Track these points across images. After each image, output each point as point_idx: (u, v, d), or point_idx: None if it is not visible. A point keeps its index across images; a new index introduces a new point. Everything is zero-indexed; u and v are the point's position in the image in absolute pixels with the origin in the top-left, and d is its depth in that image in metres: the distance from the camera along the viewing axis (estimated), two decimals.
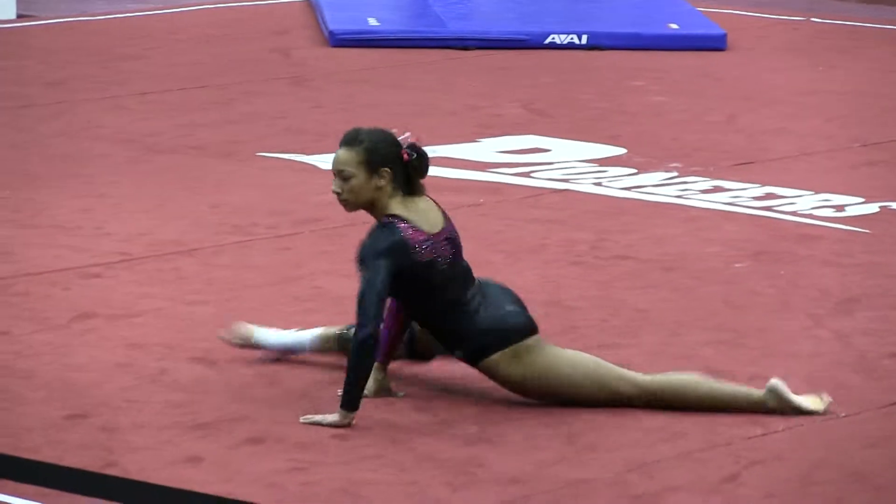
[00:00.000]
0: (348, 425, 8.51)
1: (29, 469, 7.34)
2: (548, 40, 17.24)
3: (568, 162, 13.30)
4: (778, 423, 8.70)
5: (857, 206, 12.21)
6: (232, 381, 9.19)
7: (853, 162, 13.49)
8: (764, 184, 12.60)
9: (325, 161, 13.13)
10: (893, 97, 15.82)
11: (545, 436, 8.61)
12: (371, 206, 8.95)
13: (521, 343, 8.82)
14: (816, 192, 12.47)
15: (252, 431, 8.58)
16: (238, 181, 12.69)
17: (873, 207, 12.17)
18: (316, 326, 9.74)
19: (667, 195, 12.51)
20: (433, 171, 12.89)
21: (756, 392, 8.73)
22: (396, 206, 8.91)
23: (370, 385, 8.77)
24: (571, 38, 17.28)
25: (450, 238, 9.02)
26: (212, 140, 13.76)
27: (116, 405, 8.86)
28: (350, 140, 8.97)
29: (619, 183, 12.80)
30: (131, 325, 9.94)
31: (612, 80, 16.03)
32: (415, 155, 9.05)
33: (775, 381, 8.67)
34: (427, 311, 8.90)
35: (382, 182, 8.86)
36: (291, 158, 13.25)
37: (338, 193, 8.95)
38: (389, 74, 16.06)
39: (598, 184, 12.79)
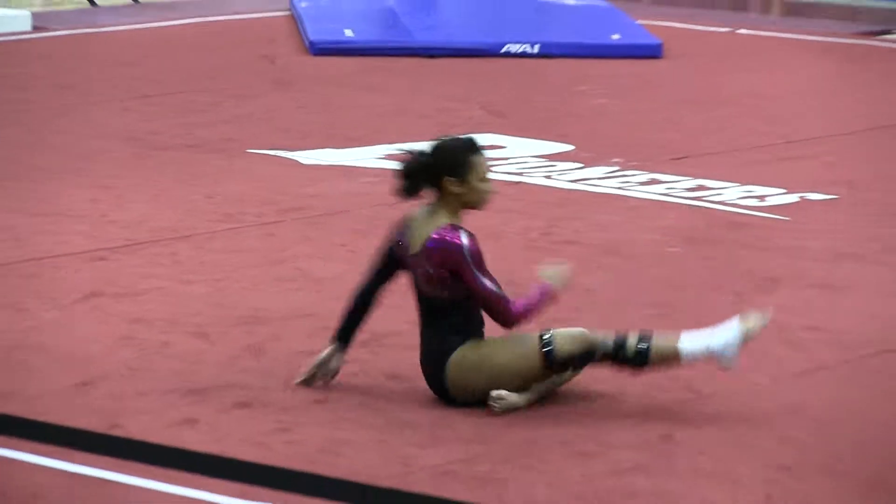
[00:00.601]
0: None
1: (43, 430, 7.34)
2: (504, 49, 17.28)
3: (522, 157, 13.33)
4: (708, 387, 8.75)
5: (779, 197, 12.25)
6: (223, 352, 9.22)
7: (776, 157, 13.53)
8: (696, 177, 12.65)
9: (307, 157, 13.17)
10: (811, 99, 15.86)
11: None
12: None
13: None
14: (742, 184, 12.51)
15: (241, 397, 8.62)
16: (229, 174, 12.70)
17: (794, 197, 12.22)
18: (297, 305, 9.77)
19: (609, 187, 12.55)
20: None
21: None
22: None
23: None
24: (525, 48, 17.31)
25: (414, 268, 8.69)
26: (206, 138, 13.77)
27: (121, 374, 8.90)
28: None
29: (567, 176, 12.83)
30: (134, 302, 9.97)
31: (560, 84, 16.07)
32: None
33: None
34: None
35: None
36: (277, 154, 13.26)
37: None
38: (364, 80, 16.07)
39: (549, 177, 12.82)
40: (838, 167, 13.17)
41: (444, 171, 8.45)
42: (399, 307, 9.93)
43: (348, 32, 17.70)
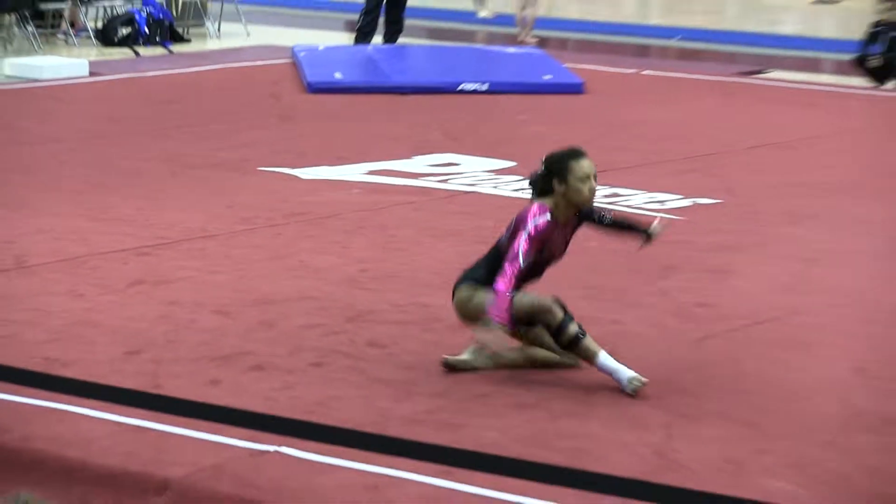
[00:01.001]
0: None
1: (98, 390, 7.31)
2: (460, 87, 17.27)
3: (474, 172, 13.31)
4: (622, 354, 8.72)
5: (676, 201, 12.26)
6: (241, 326, 9.20)
7: (674, 170, 13.53)
8: (611, 186, 12.62)
9: (306, 173, 13.15)
10: (701, 125, 15.87)
11: None
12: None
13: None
14: (647, 192, 12.51)
15: (255, 362, 8.59)
16: (245, 187, 12.68)
17: (687, 202, 12.22)
18: (300, 289, 9.77)
19: None
20: (384, 177, 12.95)
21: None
22: None
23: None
24: (476, 86, 17.30)
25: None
26: (227, 159, 13.74)
27: (161, 344, 8.86)
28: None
29: (511, 186, 12.82)
30: (170, 288, 9.94)
31: (505, 115, 16.06)
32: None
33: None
34: None
35: None
36: (282, 171, 13.23)
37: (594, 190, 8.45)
38: (351, 112, 16.05)
39: (496, 187, 12.81)
40: (722, 178, 13.18)
41: (551, 174, 8.38)
42: (378, 291, 9.93)
43: (338, 75, 17.68)
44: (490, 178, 13.07)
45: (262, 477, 7.05)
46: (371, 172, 13.21)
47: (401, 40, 20.47)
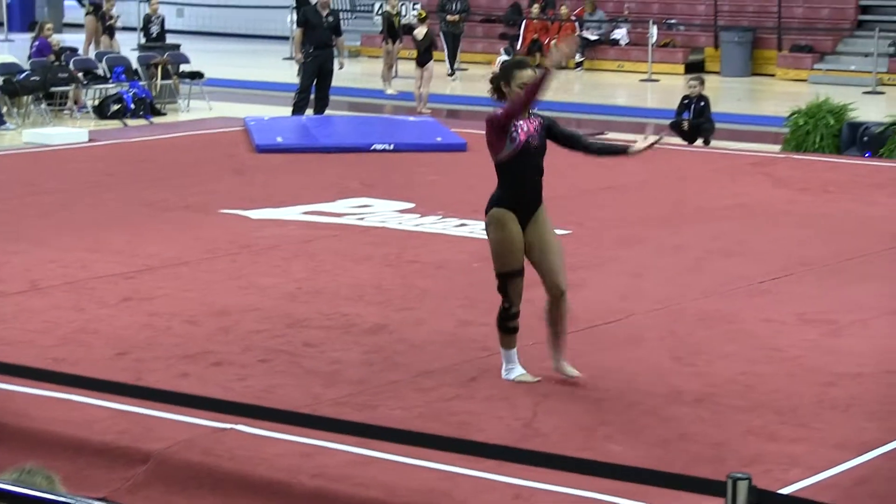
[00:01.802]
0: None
1: (95, 383, 7.25)
2: (372, 147, 17.21)
3: (384, 211, 13.27)
4: (497, 346, 8.71)
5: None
6: (205, 333, 9.13)
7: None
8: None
9: (254, 214, 13.05)
10: (559, 174, 15.88)
11: (385, 356, 8.60)
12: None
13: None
14: None
15: (215, 359, 8.55)
16: (208, 225, 12.58)
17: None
18: (249, 303, 9.69)
19: (436, 229, 12.52)
20: (314, 216, 12.90)
21: None
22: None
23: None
24: (385, 146, 17.24)
25: None
26: (194, 203, 13.63)
27: (143, 347, 8.79)
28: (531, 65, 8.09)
29: (412, 223, 12.78)
30: (151, 303, 9.85)
31: (408, 167, 16.03)
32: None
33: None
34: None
35: None
36: (237, 213, 13.14)
37: None
38: (289, 167, 15.98)
39: (400, 223, 12.76)
40: (574, 213, 13.15)
41: (502, 78, 8.01)
42: (310, 303, 9.88)
43: (280, 139, 17.59)
44: (396, 216, 13.04)
45: (223, 448, 7.01)
46: (305, 213, 13.15)
47: (327, 112, 20.42)
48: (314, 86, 20.10)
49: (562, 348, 8.12)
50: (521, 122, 8.00)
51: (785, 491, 6.41)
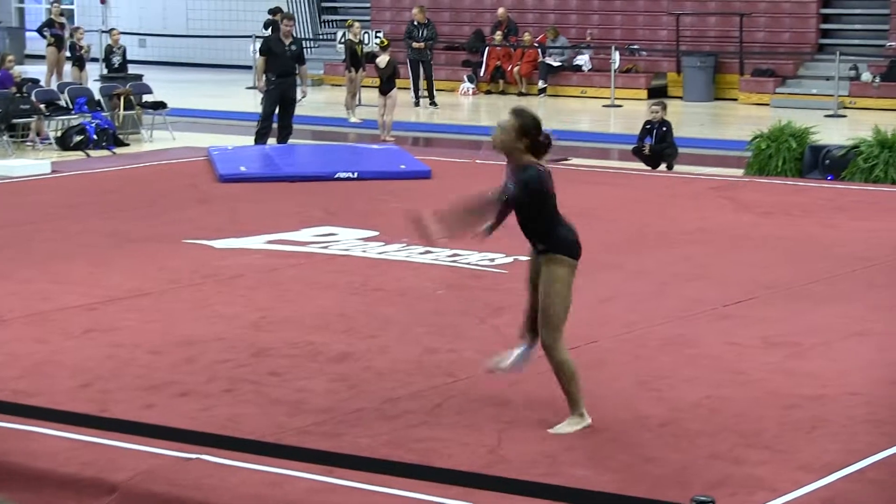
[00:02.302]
0: None
1: (58, 414, 7.24)
2: (336, 176, 17.24)
3: (348, 239, 13.28)
4: (461, 373, 8.74)
5: (502, 258, 12.26)
6: (170, 363, 9.13)
7: (501, 234, 13.49)
8: (453, 248, 12.63)
9: (218, 243, 13.05)
10: None
11: (350, 384, 8.61)
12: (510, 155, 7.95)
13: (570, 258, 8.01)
14: (480, 252, 12.50)
15: (180, 389, 8.54)
16: (172, 255, 12.56)
17: (510, 259, 12.22)
18: (214, 332, 9.69)
19: (400, 256, 12.54)
20: (279, 245, 12.92)
21: None
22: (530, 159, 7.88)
23: None
24: (349, 174, 17.27)
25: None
26: (158, 233, 13.62)
27: (107, 378, 8.78)
28: (516, 113, 7.89)
29: (376, 251, 12.81)
30: (115, 334, 9.84)
31: (370, 195, 16.04)
32: (546, 139, 7.91)
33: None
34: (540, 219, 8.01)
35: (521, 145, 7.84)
36: (201, 242, 13.13)
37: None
38: (253, 196, 15.98)
39: (364, 251, 12.79)
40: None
41: (534, 130, 7.90)
42: (275, 332, 9.88)
43: (243, 168, 17.59)
44: (360, 244, 13.06)
45: (188, 478, 7.01)
46: (269, 242, 13.16)
47: (290, 140, 20.44)
48: (276, 115, 20.13)
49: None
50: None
51: None
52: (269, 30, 29.16)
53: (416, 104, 27.01)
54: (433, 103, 26.96)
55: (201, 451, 7.14)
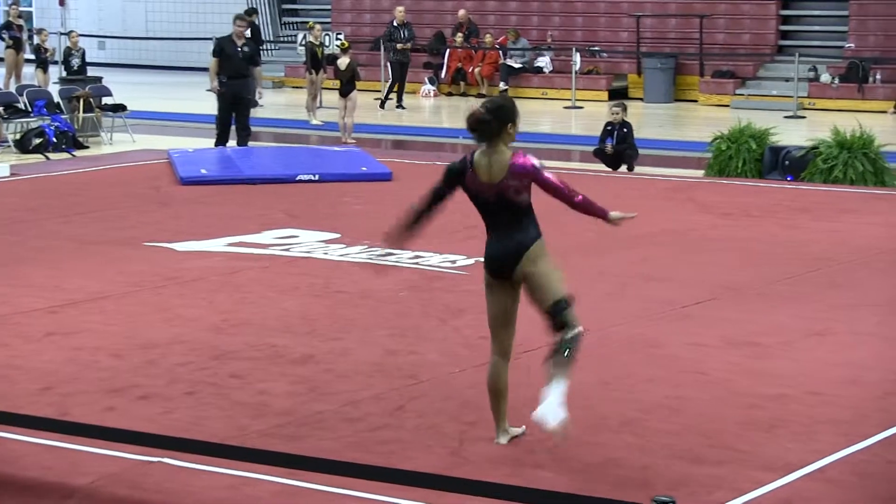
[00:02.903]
0: None
1: (20, 418, 7.22)
2: (297, 178, 17.24)
3: (309, 242, 13.28)
4: (424, 375, 8.75)
5: (463, 260, 12.31)
6: (131, 366, 9.11)
7: (462, 237, 13.56)
8: (414, 250, 12.64)
9: (179, 246, 13.02)
10: None
11: (312, 387, 8.61)
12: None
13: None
14: (442, 254, 12.55)
15: (141, 392, 8.53)
16: (133, 259, 12.53)
17: (471, 261, 12.25)
18: (175, 335, 9.67)
19: (361, 258, 12.55)
20: (240, 248, 12.90)
21: None
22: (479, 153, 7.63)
23: None
24: (310, 176, 17.27)
25: (498, 190, 7.67)
26: (118, 237, 13.59)
27: (68, 381, 8.76)
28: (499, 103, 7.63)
29: (337, 253, 12.81)
30: (76, 338, 9.82)
31: (332, 198, 16.05)
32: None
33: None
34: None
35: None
36: (162, 245, 13.11)
37: None
38: (214, 199, 15.96)
39: (326, 253, 12.79)
40: None
41: (509, 120, 7.55)
42: (236, 335, 9.87)
43: (204, 171, 17.57)
44: (322, 247, 13.06)
45: (149, 481, 6.99)
46: (230, 244, 13.14)
47: (251, 143, 20.41)
48: (233, 117, 20.10)
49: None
50: None
51: None
52: (249, 32, 29.09)
53: (382, 106, 26.99)
54: (401, 106, 26.96)
55: (163, 454, 7.12)
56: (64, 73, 25.66)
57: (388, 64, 27.54)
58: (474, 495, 5.80)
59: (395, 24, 27.81)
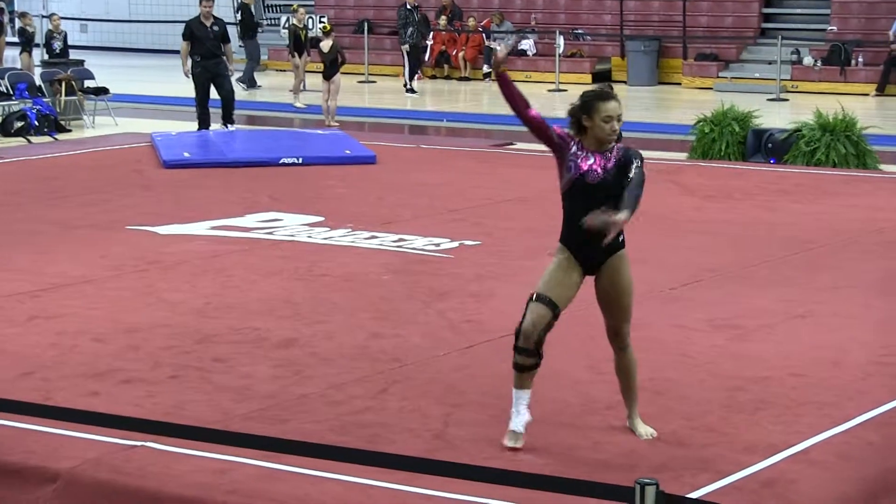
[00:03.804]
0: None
1: (4, 403, 7.18)
2: (281, 161, 17.22)
3: (293, 225, 13.27)
4: (407, 358, 8.74)
5: (447, 243, 12.31)
6: (114, 350, 9.09)
7: (445, 220, 13.59)
8: (398, 233, 12.67)
9: (162, 230, 13.00)
10: (464, 185, 15.97)
11: (295, 370, 8.60)
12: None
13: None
14: (425, 237, 12.55)
15: (125, 376, 8.50)
16: (115, 242, 12.51)
17: (455, 244, 12.27)
18: (158, 319, 9.65)
19: (346, 242, 12.53)
20: (223, 231, 12.87)
21: None
22: None
23: None
24: (294, 160, 17.25)
25: None
26: (101, 220, 13.56)
27: (51, 365, 8.73)
28: (615, 96, 7.25)
29: (321, 236, 12.79)
30: (58, 322, 9.79)
31: (315, 181, 16.03)
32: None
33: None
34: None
35: None
36: (145, 229, 13.08)
37: (615, 131, 7.19)
38: (197, 182, 15.93)
39: (310, 237, 12.78)
40: (481, 225, 13.28)
41: (581, 111, 7.20)
42: (219, 318, 9.86)
43: (187, 154, 17.53)
44: (305, 230, 13.04)
45: (133, 466, 6.98)
46: (213, 228, 13.12)
47: (235, 126, 20.37)
48: (214, 93, 20.05)
49: (632, 403, 7.56)
50: (586, 151, 7.24)
51: (694, 495, 6.50)
52: (240, 14, 29.05)
53: (412, 90, 26.80)
54: (409, 89, 26.90)
55: (146, 438, 7.11)
56: (45, 56, 25.56)
57: (407, 48, 27.16)
58: (457, 478, 5.79)
59: (407, 6, 27.41)
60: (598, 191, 7.18)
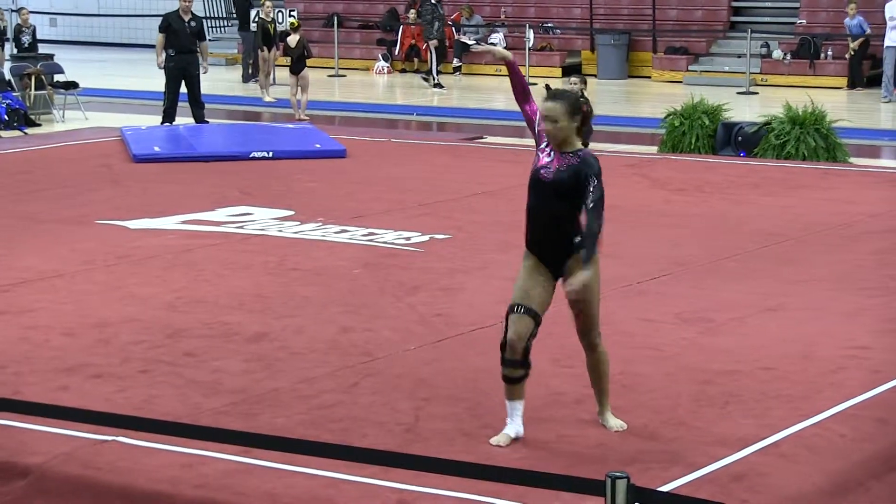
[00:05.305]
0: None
1: None
2: (251, 155, 17.18)
3: (263, 219, 13.24)
4: (380, 352, 8.74)
5: (417, 237, 12.30)
6: (84, 344, 9.06)
7: (415, 213, 13.58)
8: (368, 227, 12.66)
9: (132, 224, 12.96)
10: (434, 178, 15.96)
11: (266, 364, 8.59)
12: (565, 142, 7.12)
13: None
14: (396, 230, 12.55)
15: (95, 371, 8.48)
16: (85, 237, 12.46)
17: (426, 237, 12.27)
18: (129, 314, 9.61)
19: (316, 235, 12.51)
20: (193, 225, 12.84)
21: None
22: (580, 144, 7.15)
23: None
24: (264, 154, 17.22)
25: None
26: (70, 215, 13.51)
27: (19, 360, 8.70)
28: (554, 96, 7.10)
29: (291, 230, 12.77)
30: (28, 316, 9.76)
31: (286, 175, 15.98)
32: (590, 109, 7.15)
33: None
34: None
35: (575, 125, 7.09)
36: (115, 223, 13.04)
37: (550, 131, 7.08)
38: (167, 177, 15.88)
39: (280, 231, 12.75)
40: (451, 219, 13.27)
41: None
42: (190, 313, 9.83)
43: (156, 148, 17.49)
44: (276, 224, 13.02)
45: (103, 460, 6.96)
46: (183, 222, 13.08)
47: (204, 120, 20.33)
48: (185, 94, 20.03)
49: (603, 398, 7.56)
50: (550, 148, 7.21)
51: (665, 488, 6.51)
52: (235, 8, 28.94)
53: (440, 86, 26.62)
54: (439, 85, 26.69)
55: (117, 433, 7.09)
56: (14, 51, 25.44)
57: (435, 43, 26.90)
58: (428, 472, 5.80)
59: (432, 1, 27.14)
60: (547, 188, 7.19)
